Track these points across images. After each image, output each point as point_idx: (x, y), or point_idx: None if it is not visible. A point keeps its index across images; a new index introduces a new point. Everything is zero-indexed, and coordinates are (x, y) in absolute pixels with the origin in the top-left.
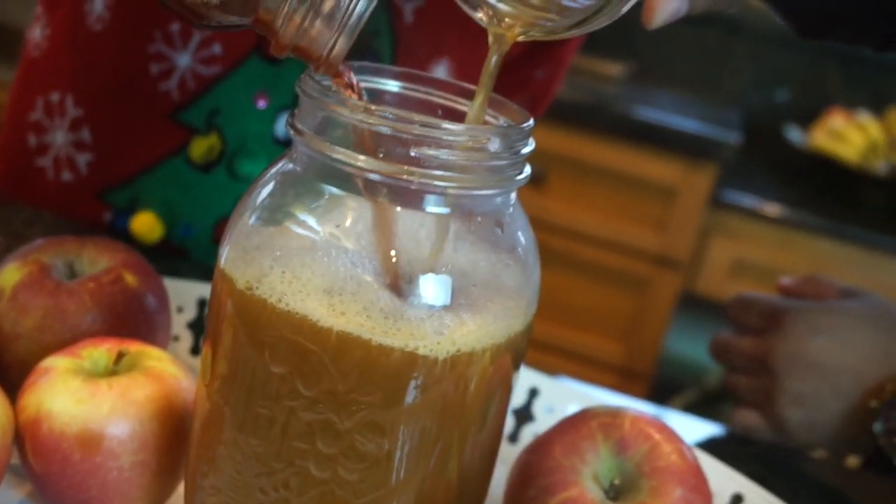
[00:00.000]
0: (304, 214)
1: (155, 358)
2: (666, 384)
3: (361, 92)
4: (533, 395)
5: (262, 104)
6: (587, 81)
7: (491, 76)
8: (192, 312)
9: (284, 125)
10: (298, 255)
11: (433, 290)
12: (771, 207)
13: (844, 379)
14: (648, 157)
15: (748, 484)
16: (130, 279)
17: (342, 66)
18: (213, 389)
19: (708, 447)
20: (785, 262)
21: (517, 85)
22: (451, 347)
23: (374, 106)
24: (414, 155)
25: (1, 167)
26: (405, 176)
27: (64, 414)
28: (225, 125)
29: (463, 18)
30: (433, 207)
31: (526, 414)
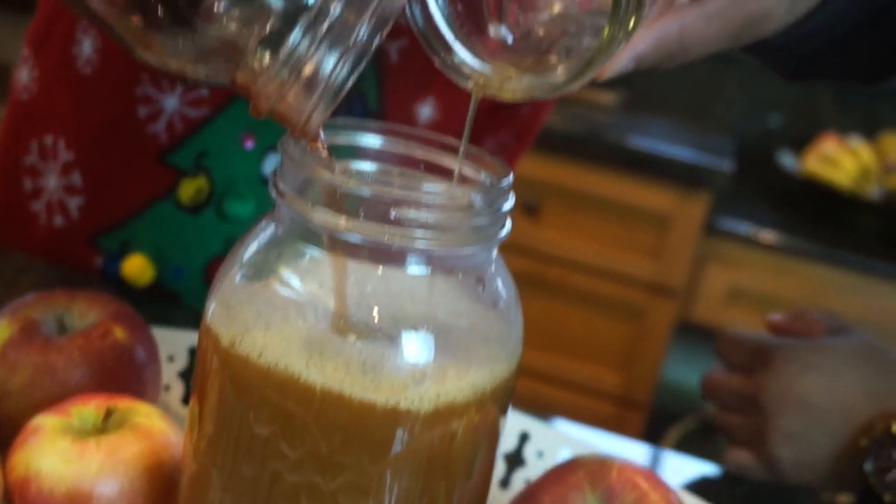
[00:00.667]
0: (286, 272)
1: (144, 414)
2: (664, 412)
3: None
4: (524, 439)
5: (249, 145)
6: (580, 110)
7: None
8: (182, 361)
9: (271, 171)
10: (280, 312)
11: (414, 344)
12: (765, 234)
13: (834, 417)
14: (642, 185)
15: None
16: (119, 333)
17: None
18: (199, 449)
19: (701, 486)
20: (780, 288)
21: (502, 121)
22: (433, 401)
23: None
24: (394, 216)
25: None
26: (385, 238)
27: (53, 474)
28: (213, 167)
29: None
30: (414, 267)
31: (517, 459)
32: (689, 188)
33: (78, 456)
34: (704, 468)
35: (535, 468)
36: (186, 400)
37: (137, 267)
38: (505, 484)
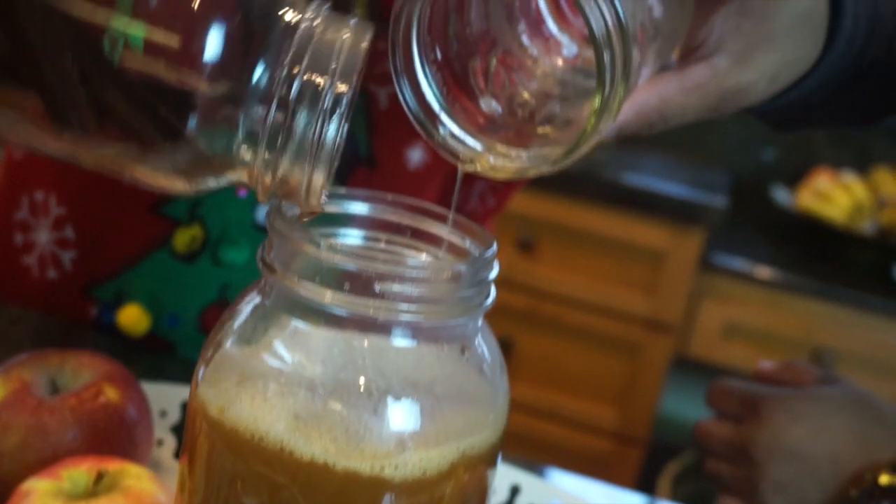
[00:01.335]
0: (274, 343)
1: (134, 476)
2: (662, 447)
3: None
4: (515, 492)
5: (242, 192)
6: None
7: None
8: (175, 416)
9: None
10: (268, 382)
11: (399, 413)
12: (760, 269)
13: (824, 467)
14: (637, 221)
15: None
16: (111, 393)
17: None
18: None
19: None
20: (775, 323)
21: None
22: (419, 467)
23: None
24: (379, 290)
25: None
26: (371, 311)
27: None
28: (207, 215)
29: None
30: (399, 340)
31: None
32: (683, 224)
33: None
34: None
35: None
36: (178, 455)
37: (133, 317)
38: None
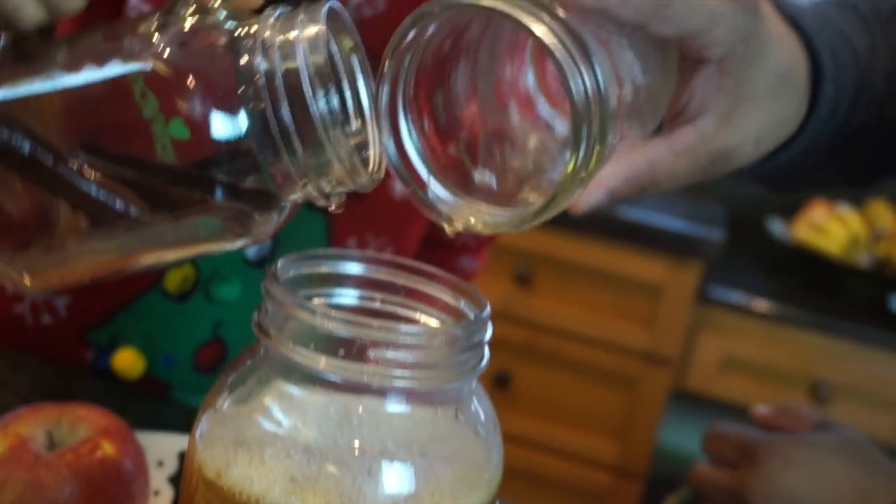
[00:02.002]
0: (269, 406)
1: None
2: (661, 480)
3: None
4: None
5: None
6: None
7: None
8: (172, 466)
9: (255, 252)
10: (264, 446)
11: (394, 476)
12: (757, 303)
13: None
14: (634, 255)
15: None
16: (108, 447)
17: None
18: None
19: None
20: (773, 356)
21: None
22: None
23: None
24: (373, 356)
25: None
26: (365, 378)
27: None
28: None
29: None
30: (394, 405)
31: None
32: (681, 257)
33: None
34: None
35: None
36: None
37: (128, 361)
38: None
